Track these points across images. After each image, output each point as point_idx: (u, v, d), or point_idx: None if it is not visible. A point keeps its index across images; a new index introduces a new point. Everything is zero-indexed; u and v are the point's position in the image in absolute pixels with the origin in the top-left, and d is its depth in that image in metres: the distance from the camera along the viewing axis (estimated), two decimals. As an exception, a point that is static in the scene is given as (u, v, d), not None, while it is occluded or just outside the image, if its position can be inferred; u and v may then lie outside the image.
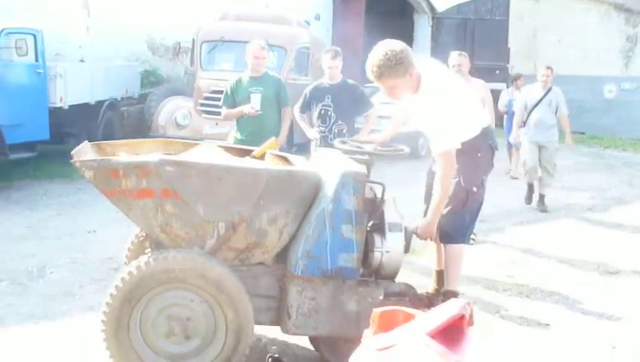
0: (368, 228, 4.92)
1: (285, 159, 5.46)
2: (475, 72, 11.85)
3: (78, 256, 7.52)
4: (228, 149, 5.51)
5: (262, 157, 5.51)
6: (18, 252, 7.83)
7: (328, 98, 7.90)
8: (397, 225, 4.90)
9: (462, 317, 2.92)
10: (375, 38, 5.30)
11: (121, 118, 15.09)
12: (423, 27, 20.58)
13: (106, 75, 14.81)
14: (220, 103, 8.92)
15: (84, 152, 4.89)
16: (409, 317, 3.05)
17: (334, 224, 4.65)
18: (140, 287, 4.44)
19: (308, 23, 16.71)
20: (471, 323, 2.98)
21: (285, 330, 4.80)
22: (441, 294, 5.55)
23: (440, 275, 5.82)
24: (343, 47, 8.63)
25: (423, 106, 5.15)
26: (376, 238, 4.86)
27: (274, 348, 5.34)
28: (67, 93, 13.01)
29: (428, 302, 5.23)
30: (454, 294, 5.46)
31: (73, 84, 13.26)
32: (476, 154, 5.41)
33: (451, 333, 2.86)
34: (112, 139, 13.90)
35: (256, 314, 4.70)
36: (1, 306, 6.16)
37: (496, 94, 13.95)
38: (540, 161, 11.20)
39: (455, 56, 8.68)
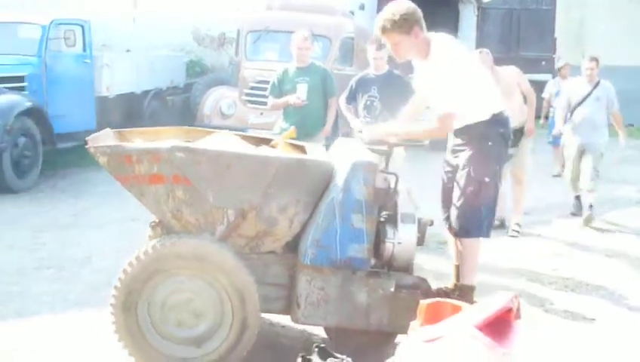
0: (382, 219, 4.90)
1: (301, 148, 5.44)
2: (521, 62, 11.73)
3: (123, 245, 7.58)
4: (246, 138, 5.51)
5: (284, 146, 5.49)
6: (65, 240, 7.97)
7: (374, 89, 7.90)
8: (410, 216, 4.89)
9: (509, 310, 2.94)
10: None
11: (166, 107, 15.26)
12: (468, 17, 20.38)
13: (152, 65, 14.97)
14: (264, 93, 8.95)
15: (104, 139, 4.96)
16: (456, 309, 3.07)
17: (344, 213, 4.65)
18: (145, 274, 4.53)
19: (352, 13, 16.65)
20: (518, 316, 3.00)
21: (294, 320, 4.83)
22: (457, 288, 5.42)
23: (459, 269, 5.76)
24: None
25: (432, 72, 5.16)
26: (388, 229, 4.84)
27: (318, 337, 5.37)
28: (113, 82, 13.24)
29: (444, 296, 5.25)
30: (470, 288, 5.35)
31: (119, 74, 13.49)
32: (486, 143, 5.22)
33: (499, 326, 2.87)
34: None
35: (267, 303, 4.76)
36: (50, 293, 6.29)
37: (542, 86, 13.81)
38: (582, 166, 9.85)
39: (476, 55, 8.52)
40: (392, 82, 7.86)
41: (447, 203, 5.52)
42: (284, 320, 5.38)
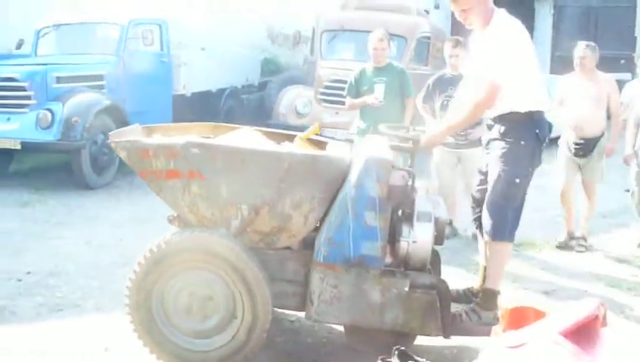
0: (404, 218, 4.85)
1: (322, 145, 5.46)
2: (599, 61, 11.41)
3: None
4: (268, 134, 5.56)
5: (308, 141, 5.50)
6: (142, 236, 8.03)
7: (451, 89, 7.87)
8: (426, 214, 4.82)
9: (595, 317, 2.87)
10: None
11: (241, 105, 15.46)
12: (544, 16, 20.07)
13: (227, 64, 15.12)
14: (340, 92, 8.94)
15: (129, 134, 5.11)
16: (540, 315, 3.02)
17: (357, 210, 4.62)
18: (158, 266, 4.65)
19: (427, 12, 16.56)
20: (604, 323, 2.92)
21: (308, 317, 4.83)
22: (481, 291, 5.23)
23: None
24: (462, 37, 8.56)
25: (486, 41, 5.02)
26: (404, 227, 4.79)
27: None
28: (190, 81, 13.47)
29: (464, 298, 5.23)
30: (493, 293, 5.09)
31: (196, 72, 13.69)
32: (519, 142, 5.01)
33: (584, 333, 2.80)
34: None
35: (283, 299, 4.84)
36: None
37: (620, 86, 13.40)
38: None
39: (582, 48, 8.10)
40: (470, 82, 7.80)
41: (477, 202, 5.39)
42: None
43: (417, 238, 4.75)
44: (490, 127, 5.26)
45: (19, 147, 10.43)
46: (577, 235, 8.39)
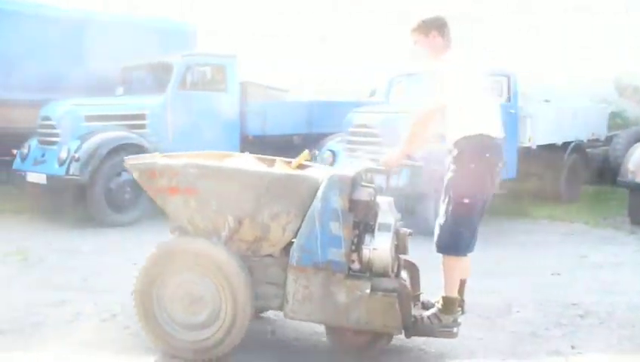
0: (368, 228, 5.48)
1: (307, 168, 6.30)
2: None
3: (542, 298, 7.56)
4: (262, 159, 6.44)
5: (299, 167, 6.30)
6: (484, 287, 8.05)
7: None
8: (387, 225, 5.46)
9: None
10: None
11: (585, 160, 15.12)
12: None
13: (573, 117, 14.84)
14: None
15: (144, 159, 6.08)
16: None
17: (323, 221, 5.33)
18: (156, 268, 5.57)
19: None
20: None
21: (285, 315, 5.54)
22: (440, 299, 5.69)
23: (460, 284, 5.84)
24: None
25: (435, 72, 5.54)
26: (367, 237, 5.45)
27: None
28: (535, 133, 13.39)
29: (422, 305, 5.79)
30: (451, 299, 5.65)
31: (541, 124, 13.66)
32: (469, 165, 5.45)
33: None
34: (575, 181, 14.01)
35: (266, 300, 5.63)
36: (473, 339, 6.38)
37: None
38: None
39: None
40: None
41: None
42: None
43: (378, 246, 5.39)
44: (449, 152, 5.65)
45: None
46: None
